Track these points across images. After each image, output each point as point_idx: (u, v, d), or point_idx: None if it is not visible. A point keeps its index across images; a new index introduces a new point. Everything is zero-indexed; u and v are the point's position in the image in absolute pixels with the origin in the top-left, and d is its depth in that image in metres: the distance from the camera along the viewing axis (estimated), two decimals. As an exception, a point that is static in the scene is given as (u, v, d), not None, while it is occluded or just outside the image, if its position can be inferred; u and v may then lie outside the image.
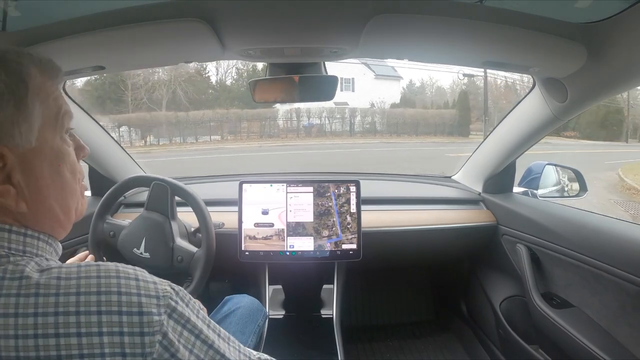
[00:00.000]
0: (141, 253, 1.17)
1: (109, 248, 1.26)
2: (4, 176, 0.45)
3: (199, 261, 1.16)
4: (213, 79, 24.66)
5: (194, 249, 1.20)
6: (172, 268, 1.17)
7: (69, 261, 1.04)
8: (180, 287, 0.50)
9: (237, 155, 13.00)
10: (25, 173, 0.46)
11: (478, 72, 22.06)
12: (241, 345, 0.56)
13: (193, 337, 0.47)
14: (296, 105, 17.61)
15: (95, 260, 1.14)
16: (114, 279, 0.44)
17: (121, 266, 0.46)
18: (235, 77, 24.67)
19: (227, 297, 1.23)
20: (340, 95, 22.17)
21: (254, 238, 1.36)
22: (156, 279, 0.47)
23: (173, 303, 0.46)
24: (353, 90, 23.12)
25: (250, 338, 1.11)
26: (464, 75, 22.53)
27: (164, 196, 1.21)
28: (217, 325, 0.53)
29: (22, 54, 0.48)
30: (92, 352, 0.40)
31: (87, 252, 1.14)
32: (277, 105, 19.43)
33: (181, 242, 1.20)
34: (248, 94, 1.22)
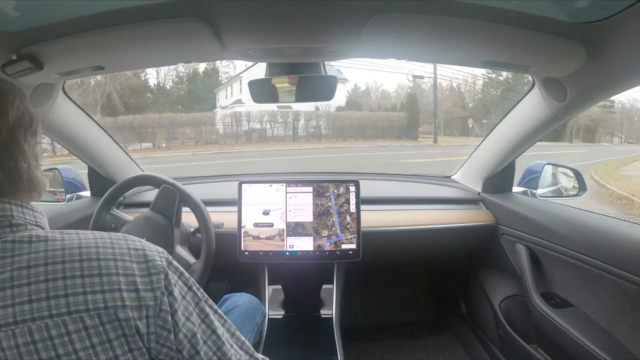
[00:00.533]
0: None
1: None
2: None
3: (194, 274, 1.15)
4: (152, 82, 23.60)
5: (191, 259, 1.18)
6: None
7: None
8: None
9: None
10: None
11: (428, 73, 21.84)
12: (228, 322, 0.61)
13: (186, 288, 0.55)
14: (237, 108, 16.52)
15: None
16: (122, 240, 0.54)
17: (127, 235, 0.57)
18: (175, 80, 23.63)
19: (225, 296, 1.23)
20: (282, 98, 21.52)
21: (254, 238, 1.36)
22: (155, 246, 0.57)
23: (170, 259, 0.56)
24: (296, 94, 22.38)
25: (248, 336, 1.11)
26: (414, 76, 22.04)
27: (172, 201, 1.20)
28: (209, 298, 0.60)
29: None
30: (111, 287, 0.49)
31: None
32: (218, 110, 18.20)
33: (180, 251, 1.18)
34: (187, 98, 1.22)
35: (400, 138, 20.98)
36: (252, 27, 0.81)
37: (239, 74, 21.05)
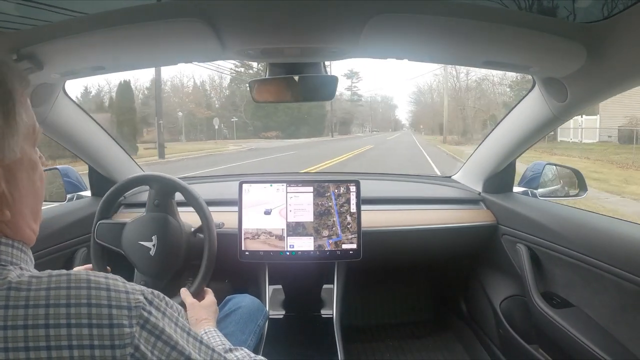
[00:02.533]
0: (152, 247, 1.15)
1: (112, 253, 1.23)
2: None
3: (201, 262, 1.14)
4: None
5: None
6: (182, 260, 1.16)
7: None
8: (157, 294, 0.49)
9: None
10: (10, 183, 0.46)
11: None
12: (226, 357, 0.55)
13: (168, 348, 0.46)
14: None
15: (96, 257, 1.14)
16: (84, 290, 0.43)
17: (92, 275, 0.45)
18: None
19: (228, 297, 1.23)
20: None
21: (254, 238, 1.36)
22: (129, 287, 0.46)
23: (146, 314, 0.45)
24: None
25: (250, 338, 1.11)
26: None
27: (169, 195, 1.19)
28: (199, 335, 0.53)
29: (2, 63, 0.47)
30: None
31: (86, 267, 1.11)
32: None
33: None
34: None
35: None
36: (252, 27, 0.81)
37: None
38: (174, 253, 1.15)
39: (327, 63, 1.11)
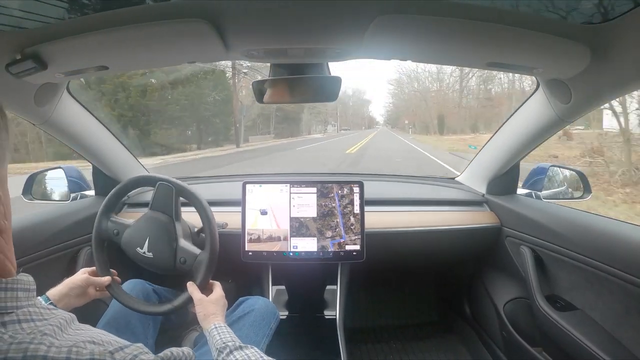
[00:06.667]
0: (144, 252, 1.16)
1: (113, 246, 1.24)
2: None
3: (202, 264, 1.13)
4: None
5: (197, 250, 1.16)
6: (174, 269, 1.16)
7: (75, 277, 1.04)
8: None
9: None
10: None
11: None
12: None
13: None
14: None
15: (100, 261, 1.13)
16: None
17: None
18: None
19: (241, 299, 1.22)
20: None
21: (257, 238, 1.36)
22: None
23: None
24: None
25: (263, 340, 1.11)
26: None
27: (169, 197, 1.19)
28: None
29: None
30: None
31: (93, 268, 1.12)
32: None
33: (185, 244, 1.16)
34: None
35: None
36: (255, 28, 0.81)
37: None
38: (165, 253, 1.14)
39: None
